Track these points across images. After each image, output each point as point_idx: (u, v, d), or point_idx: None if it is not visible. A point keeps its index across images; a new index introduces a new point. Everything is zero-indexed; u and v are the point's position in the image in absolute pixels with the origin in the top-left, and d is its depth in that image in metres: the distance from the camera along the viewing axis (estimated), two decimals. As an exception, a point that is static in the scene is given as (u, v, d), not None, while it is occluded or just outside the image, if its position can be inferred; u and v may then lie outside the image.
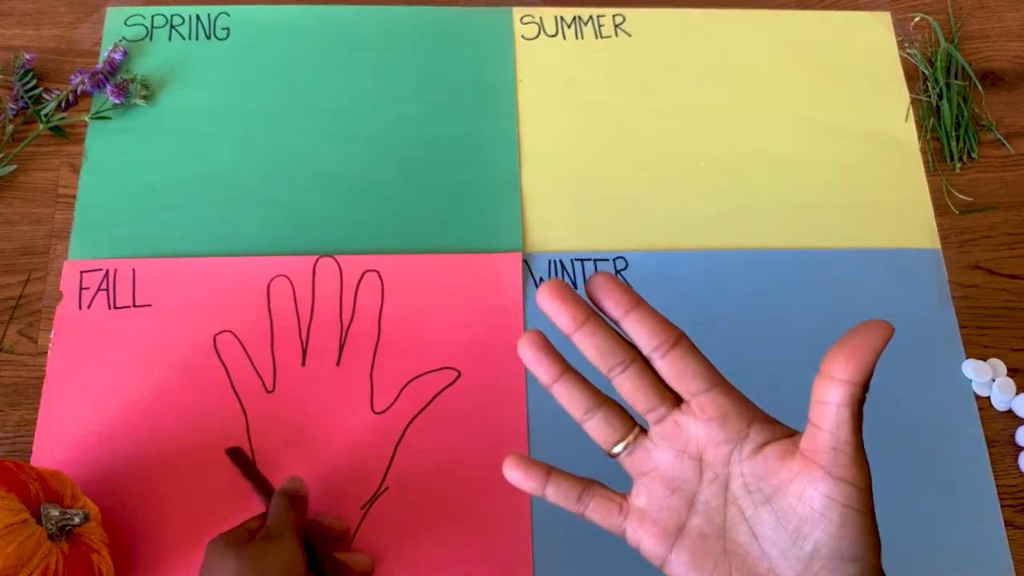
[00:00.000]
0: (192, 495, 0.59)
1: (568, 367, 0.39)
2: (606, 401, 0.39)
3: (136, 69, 0.73)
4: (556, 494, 0.41)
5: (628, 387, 0.38)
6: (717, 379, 0.37)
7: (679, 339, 0.37)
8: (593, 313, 0.38)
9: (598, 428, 0.39)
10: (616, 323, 0.37)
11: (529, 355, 0.39)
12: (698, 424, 0.37)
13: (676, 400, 0.38)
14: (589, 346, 0.38)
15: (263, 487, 0.57)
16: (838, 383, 0.33)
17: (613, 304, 0.37)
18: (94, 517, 0.53)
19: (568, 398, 0.39)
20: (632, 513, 0.39)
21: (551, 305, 0.38)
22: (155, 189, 0.69)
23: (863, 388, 0.33)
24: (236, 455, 0.58)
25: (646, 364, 0.38)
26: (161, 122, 0.71)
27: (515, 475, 0.40)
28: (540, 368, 0.39)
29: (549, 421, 0.63)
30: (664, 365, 0.37)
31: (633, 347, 0.38)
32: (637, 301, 0.37)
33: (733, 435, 0.36)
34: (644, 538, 0.38)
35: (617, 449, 0.39)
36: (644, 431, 0.39)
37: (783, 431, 0.37)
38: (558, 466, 0.62)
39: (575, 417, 0.40)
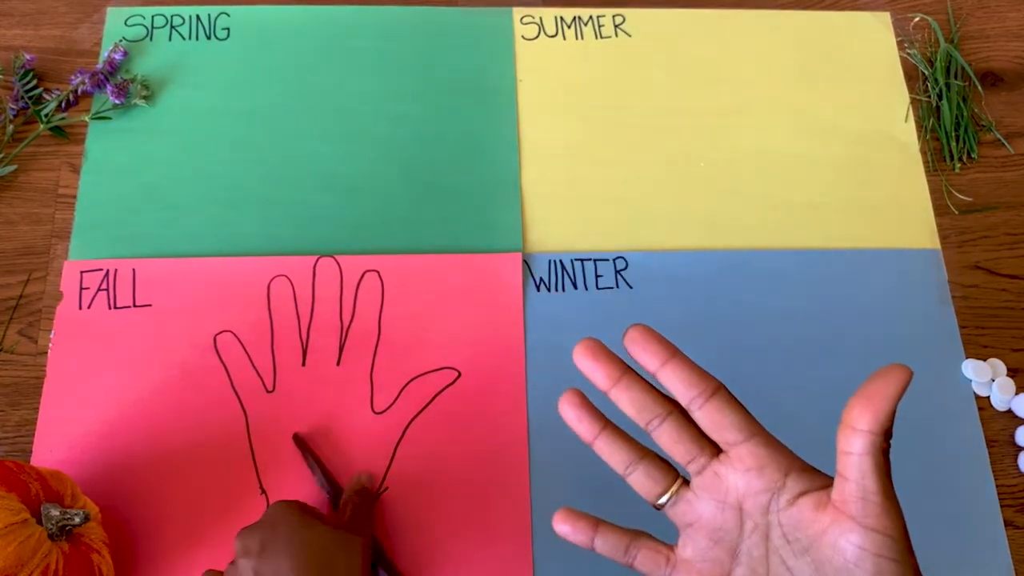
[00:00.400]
0: (192, 495, 0.59)
1: (607, 422, 0.40)
2: (647, 454, 0.40)
3: (136, 69, 0.73)
4: (604, 546, 0.41)
5: (667, 439, 0.38)
6: (755, 429, 0.37)
7: (717, 389, 0.37)
8: (628, 369, 0.38)
9: (641, 481, 0.40)
10: (653, 375, 0.38)
11: (570, 414, 0.40)
12: (737, 474, 0.37)
13: (715, 450, 0.38)
14: (626, 401, 0.38)
15: (327, 476, 0.58)
16: (859, 433, 0.34)
17: (650, 356, 0.37)
18: (94, 517, 0.53)
19: (609, 453, 0.40)
20: (679, 565, 0.39)
21: (586, 364, 0.38)
22: (155, 189, 0.69)
23: (884, 436, 0.34)
24: (301, 442, 0.60)
25: (683, 415, 0.38)
26: (161, 122, 0.71)
27: (564, 528, 0.41)
28: (581, 426, 0.40)
29: (549, 421, 0.63)
30: (702, 416, 0.37)
31: (669, 399, 0.38)
32: (673, 352, 0.37)
33: (770, 485, 0.37)
34: None
35: (662, 501, 0.39)
36: (687, 482, 0.39)
37: (820, 481, 0.37)
38: (560, 469, 0.62)
39: (617, 471, 0.40)
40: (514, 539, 0.59)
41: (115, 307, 0.64)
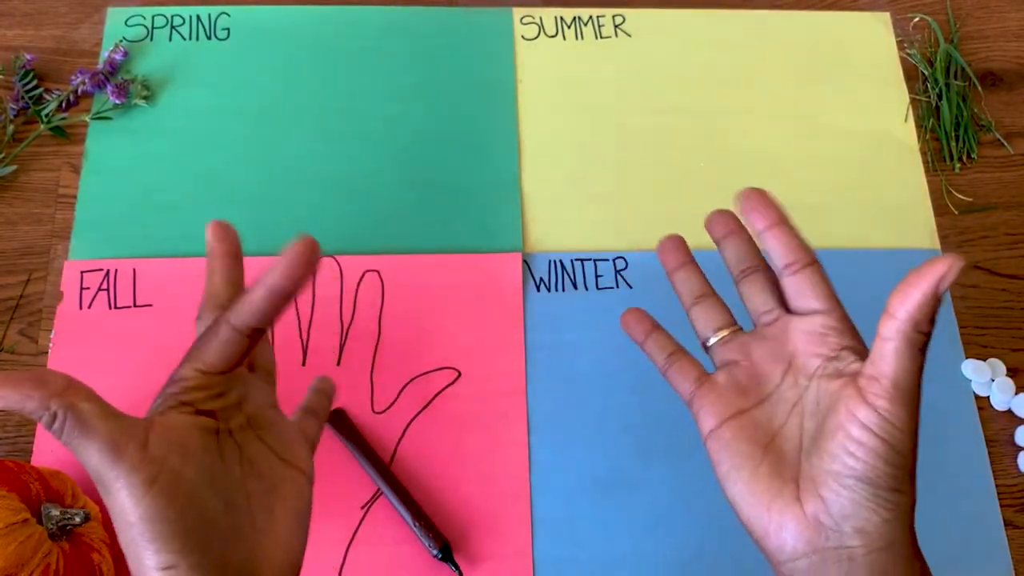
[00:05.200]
0: (192, 495, 0.59)
1: (691, 259, 0.46)
2: (715, 293, 0.44)
3: (136, 69, 0.73)
4: (652, 346, 0.45)
5: (755, 287, 0.42)
6: (835, 305, 0.40)
7: (813, 262, 0.40)
8: (740, 227, 0.43)
9: (705, 312, 0.44)
10: (759, 234, 0.41)
11: (668, 243, 0.45)
12: (802, 334, 0.40)
13: (788, 311, 0.41)
14: (732, 249, 0.43)
15: (367, 453, 0.59)
16: (886, 316, 0.35)
17: (760, 217, 0.40)
18: (95, 516, 0.53)
19: (686, 283, 0.45)
20: (706, 385, 0.42)
21: (717, 217, 0.44)
22: (155, 189, 0.69)
23: (912, 325, 0.35)
24: (335, 419, 0.61)
25: (772, 275, 0.42)
26: (161, 122, 0.71)
27: (628, 317, 0.47)
28: (671, 255, 0.46)
29: (549, 421, 0.63)
30: (793, 280, 0.40)
31: (764, 259, 0.42)
32: (782, 219, 0.40)
33: (827, 352, 0.39)
34: (704, 407, 0.41)
35: (719, 336, 0.43)
36: (740, 329, 0.43)
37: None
38: (560, 468, 0.62)
39: (685, 302, 0.45)
40: (514, 538, 0.59)
41: (115, 307, 0.64)
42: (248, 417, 0.40)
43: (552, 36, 0.77)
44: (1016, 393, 0.65)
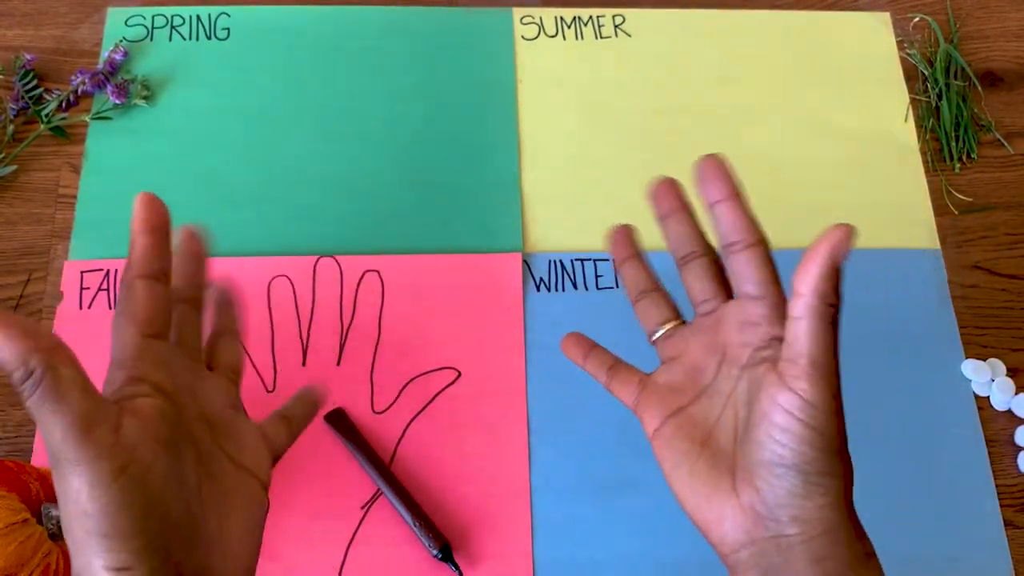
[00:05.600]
0: (192, 495, 0.59)
1: (639, 252, 0.46)
2: (659, 288, 0.44)
3: (136, 69, 0.73)
4: (592, 364, 0.46)
5: (695, 275, 0.41)
6: (772, 291, 0.39)
7: (757, 243, 0.39)
8: (685, 206, 0.42)
9: (648, 307, 0.44)
10: (708, 208, 0.40)
11: (618, 234, 0.46)
12: (734, 322, 0.39)
13: (729, 297, 0.41)
14: (673, 232, 0.42)
15: (367, 453, 0.59)
16: (794, 297, 0.35)
17: (712, 189, 0.39)
18: (95, 517, 0.53)
19: (632, 276, 0.45)
20: (647, 388, 0.42)
21: (662, 189, 0.43)
22: (155, 189, 0.68)
23: (821, 299, 0.34)
24: (335, 419, 0.61)
25: (716, 261, 0.41)
26: (161, 122, 0.71)
27: (567, 342, 0.48)
28: (618, 247, 0.46)
29: (549, 421, 0.63)
30: (732, 261, 0.39)
31: (709, 244, 0.42)
32: (734, 193, 0.39)
33: (757, 342, 0.38)
34: (647, 410, 0.41)
35: (664, 330, 0.43)
36: (684, 323, 0.43)
37: None
38: (560, 468, 0.63)
39: (631, 295, 0.45)
40: (514, 538, 0.59)
41: (115, 307, 0.64)
42: (205, 418, 0.39)
43: (552, 36, 0.77)
44: (1016, 393, 0.65)
